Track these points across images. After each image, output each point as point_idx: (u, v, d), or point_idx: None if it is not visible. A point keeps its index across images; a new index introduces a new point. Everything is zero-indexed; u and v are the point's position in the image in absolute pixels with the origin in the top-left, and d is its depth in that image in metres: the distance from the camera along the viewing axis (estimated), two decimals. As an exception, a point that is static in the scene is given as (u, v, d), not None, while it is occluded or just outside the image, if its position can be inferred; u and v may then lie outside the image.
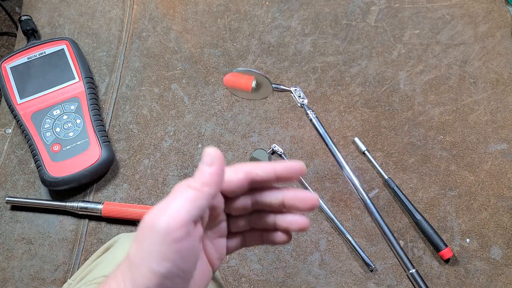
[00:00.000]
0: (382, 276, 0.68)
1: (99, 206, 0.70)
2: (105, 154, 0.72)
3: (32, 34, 0.83)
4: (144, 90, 0.82)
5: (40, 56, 0.79)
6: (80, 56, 0.80)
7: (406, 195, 0.71)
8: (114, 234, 0.71)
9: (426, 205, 0.72)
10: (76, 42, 0.83)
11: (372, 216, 0.51)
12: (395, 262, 0.68)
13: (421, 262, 0.68)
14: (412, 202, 0.71)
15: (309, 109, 0.53)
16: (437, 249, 0.68)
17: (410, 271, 0.53)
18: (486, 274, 0.67)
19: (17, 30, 0.90)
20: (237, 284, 0.67)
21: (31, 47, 0.79)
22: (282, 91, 0.55)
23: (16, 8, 1.33)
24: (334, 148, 0.52)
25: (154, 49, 0.86)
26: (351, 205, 0.73)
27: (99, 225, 0.71)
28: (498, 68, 0.82)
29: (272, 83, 0.54)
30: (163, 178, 0.75)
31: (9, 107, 0.76)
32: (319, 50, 0.85)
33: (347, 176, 0.51)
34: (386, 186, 0.73)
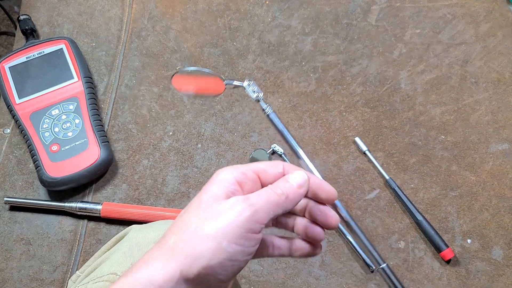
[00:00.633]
0: (383, 276, 0.67)
1: (98, 207, 0.70)
2: (104, 154, 0.72)
3: (30, 34, 0.83)
4: (143, 90, 0.82)
5: (39, 55, 0.78)
6: (79, 55, 0.79)
7: (407, 196, 0.71)
8: (113, 235, 0.70)
9: (427, 205, 0.72)
10: (75, 41, 0.82)
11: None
12: (396, 263, 0.68)
13: (422, 263, 0.68)
14: (413, 203, 0.70)
15: (265, 103, 0.52)
16: (438, 249, 0.67)
17: (381, 266, 0.54)
18: (487, 275, 0.67)
19: (15, 29, 0.90)
20: (237, 285, 0.67)
21: (30, 47, 0.79)
22: (235, 87, 0.54)
23: (14, 7, 1.32)
24: (295, 144, 0.53)
25: (153, 48, 0.85)
26: (352, 205, 0.72)
27: (98, 225, 0.71)
28: (499, 67, 0.82)
29: (224, 79, 0.53)
30: (163, 178, 0.75)
31: (7, 107, 0.75)
32: (320, 50, 0.85)
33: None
34: (387, 186, 0.73)
